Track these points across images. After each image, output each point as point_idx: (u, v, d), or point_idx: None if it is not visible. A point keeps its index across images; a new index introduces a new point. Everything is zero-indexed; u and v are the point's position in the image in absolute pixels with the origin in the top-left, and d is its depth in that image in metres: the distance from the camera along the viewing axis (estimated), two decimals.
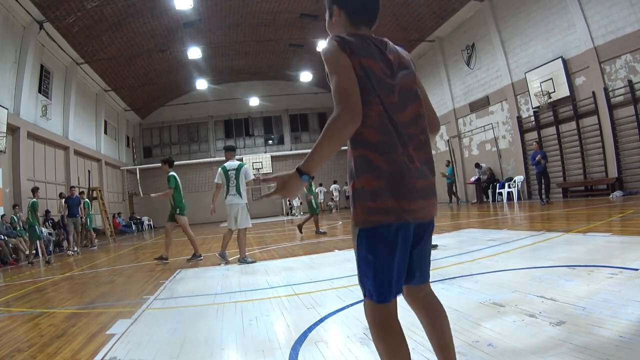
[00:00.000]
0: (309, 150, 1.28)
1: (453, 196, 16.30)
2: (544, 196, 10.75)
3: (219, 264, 6.18)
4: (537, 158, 10.75)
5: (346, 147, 1.38)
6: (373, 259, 1.33)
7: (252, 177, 6.29)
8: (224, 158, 6.51)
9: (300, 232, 9.72)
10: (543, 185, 10.78)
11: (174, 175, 7.06)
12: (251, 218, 6.51)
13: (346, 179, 1.64)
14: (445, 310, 1.57)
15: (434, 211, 1.42)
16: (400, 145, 1.33)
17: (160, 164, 7.53)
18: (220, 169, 6.31)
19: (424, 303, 1.54)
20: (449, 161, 16.58)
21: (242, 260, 5.97)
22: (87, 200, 12.40)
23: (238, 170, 6.16)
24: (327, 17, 1.57)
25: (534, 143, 11.58)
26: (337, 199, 23.29)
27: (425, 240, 1.44)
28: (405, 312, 2.72)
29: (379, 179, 1.30)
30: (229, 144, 10.53)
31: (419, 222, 1.37)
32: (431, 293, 1.55)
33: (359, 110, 1.26)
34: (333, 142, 1.24)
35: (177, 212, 7.17)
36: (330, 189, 23.15)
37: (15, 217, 10.47)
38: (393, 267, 1.33)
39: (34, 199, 9.40)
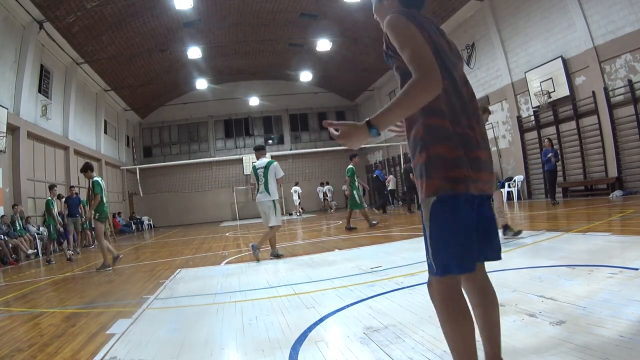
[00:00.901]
0: (309, 150, 1.28)
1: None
2: (550, 196, 10.48)
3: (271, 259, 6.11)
4: (548, 155, 10.16)
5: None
6: (448, 229, 1.32)
7: (283, 174, 6.38)
8: (223, 158, 6.57)
9: (350, 228, 9.42)
10: (549, 185, 10.53)
11: (97, 181, 7.10)
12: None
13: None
14: None
15: (493, 186, 1.45)
16: (465, 117, 1.37)
17: (159, 165, 7.54)
18: (251, 168, 6.49)
19: (481, 286, 1.52)
20: None
21: (274, 253, 6.18)
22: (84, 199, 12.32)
23: (266, 168, 6.25)
24: (375, 0, 1.63)
25: (546, 140, 10.94)
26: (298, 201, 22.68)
27: (485, 215, 1.44)
28: (403, 311, 2.72)
29: (455, 148, 1.32)
30: (259, 143, 10.55)
31: (481, 195, 1.39)
32: (488, 277, 1.55)
33: (440, 77, 1.26)
34: (412, 103, 1.25)
35: (97, 216, 7.14)
36: (325, 190, 23.03)
37: (17, 218, 10.47)
38: (467, 236, 1.34)
39: (49, 197, 9.29)
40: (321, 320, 2.77)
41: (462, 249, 1.32)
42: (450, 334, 1.35)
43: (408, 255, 5.00)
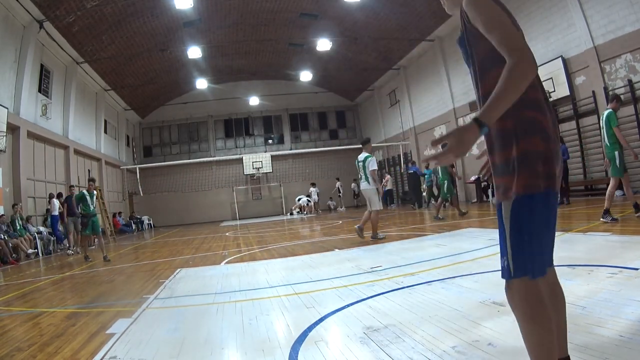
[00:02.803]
0: (309, 150, 1.25)
1: (432, 198, 16.12)
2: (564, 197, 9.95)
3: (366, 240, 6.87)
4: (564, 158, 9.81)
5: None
6: (538, 229, 1.25)
7: (375, 167, 7.14)
8: (223, 158, 6.71)
9: (439, 217, 9.76)
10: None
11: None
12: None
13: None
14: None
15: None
16: (547, 108, 1.30)
17: (159, 164, 7.66)
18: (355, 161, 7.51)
19: (552, 288, 1.48)
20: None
21: (374, 236, 6.94)
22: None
23: (363, 161, 7.18)
24: None
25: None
26: (316, 201, 22.53)
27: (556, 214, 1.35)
28: (403, 310, 2.72)
29: (548, 142, 1.25)
30: (366, 137, 11.20)
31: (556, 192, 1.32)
32: (557, 278, 1.51)
33: (535, 60, 1.18)
34: (517, 88, 1.16)
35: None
36: (310, 191, 22.77)
37: (17, 217, 10.47)
38: (550, 236, 1.28)
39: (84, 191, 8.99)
40: (321, 320, 2.78)
41: (541, 250, 1.27)
42: (533, 340, 1.27)
43: (408, 255, 5.00)
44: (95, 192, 8.82)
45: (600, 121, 6.62)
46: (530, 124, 1.26)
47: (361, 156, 7.29)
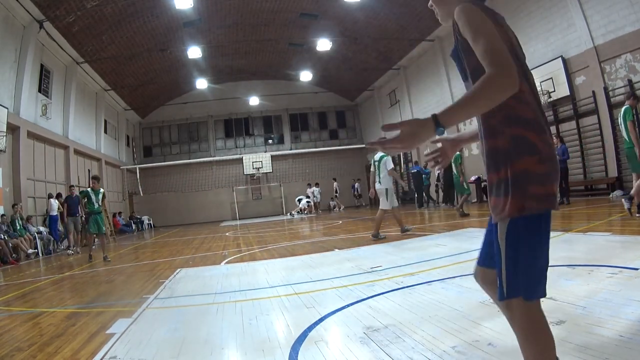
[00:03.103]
0: (309, 150, 1.24)
1: (430, 198, 16.15)
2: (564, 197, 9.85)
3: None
4: (564, 157, 9.52)
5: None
6: (533, 251, 1.22)
7: (392, 166, 7.33)
8: (223, 158, 6.73)
9: (462, 214, 9.66)
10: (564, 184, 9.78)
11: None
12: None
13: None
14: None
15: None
16: (547, 125, 1.26)
17: (159, 164, 7.67)
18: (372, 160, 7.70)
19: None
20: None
21: (375, 236, 7.04)
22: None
23: (379, 161, 7.40)
24: None
25: (554, 137, 10.13)
26: (318, 200, 22.73)
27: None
28: (403, 310, 2.72)
29: (543, 162, 1.21)
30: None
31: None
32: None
33: (516, 75, 1.13)
34: (486, 100, 1.13)
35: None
36: (312, 190, 22.86)
37: (17, 217, 10.47)
38: (547, 257, 1.25)
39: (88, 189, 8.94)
40: (321, 320, 2.77)
41: (541, 272, 1.25)
42: (537, 356, 1.26)
43: (408, 255, 5.00)
44: (101, 189, 8.74)
45: (620, 119, 6.70)
46: (523, 143, 1.22)
47: (377, 155, 7.50)
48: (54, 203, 11.90)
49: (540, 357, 1.25)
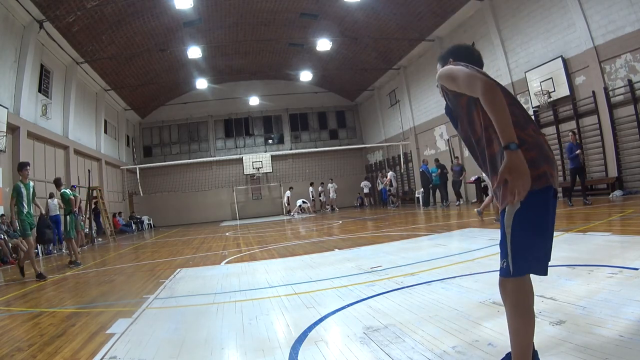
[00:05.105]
0: (309, 150, 1.30)
1: (442, 197, 16.03)
2: (581, 197, 9.39)
3: None
4: (576, 152, 9.08)
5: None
6: (534, 227, 1.42)
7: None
8: (223, 158, 6.62)
9: (481, 215, 9.14)
10: (581, 184, 9.35)
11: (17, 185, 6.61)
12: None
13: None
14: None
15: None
16: (532, 125, 1.54)
17: (159, 164, 7.42)
18: None
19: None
20: (437, 159, 16.36)
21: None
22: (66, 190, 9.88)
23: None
24: (439, 68, 1.82)
25: (570, 134, 9.68)
26: (334, 198, 22.90)
27: (554, 212, 1.52)
28: (404, 310, 2.72)
29: (530, 150, 1.45)
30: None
31: (554, 193, 1.49)
32: None
33: (489, 80, 1.45)
34: (498, 108, 1.40)
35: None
36: (328, 187, 22.95)
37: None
38: (548, 235, 1.46)
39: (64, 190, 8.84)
40: (321, 320, 2.77)
41: (540, 249, 1.44)
42: (520, 329, 1.46)
43: (408, 255, 5.00)
44: (31, 182, 6.92)
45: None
46: None
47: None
48: (52, 203, 11.87)
49: (529, 331, 1.46)
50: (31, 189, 6.71)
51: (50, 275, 6.71)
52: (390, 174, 19.81)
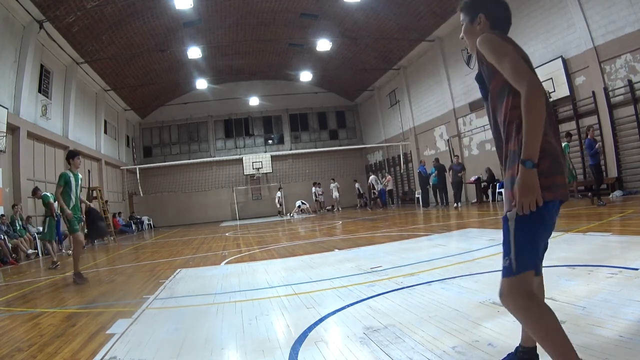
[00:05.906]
0: (309, 150, 1.28)
1: (440, 197, 15.98)
2: (596, 195, 8.82)
3: None
4: (596, 147, 8.70)
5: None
6: (536, 231, 1.44)
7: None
8: (223, 158, 6.59)
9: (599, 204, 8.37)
10: (595, 183, 9.02)
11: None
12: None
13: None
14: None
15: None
16: (552, 129, 1.50)
17: (159, 164, 7.41)
18: None
19: (539, 289, 1.63)
20: (437, 159, 16.19)
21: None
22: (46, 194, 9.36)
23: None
24: (465, 23, 1.72)
25: (590, 129, 9.06)
26: (337, 198, 22.96)
27: (555, 220, 1.53)
28: (404, 311, 2.72)
29: (545, 158, 1.42)
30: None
31: (561, 201, 1.49)
32: (542, 285, 1.68)
33: (540, 83, 1.37)
34: (540, 115, 1.35)
35: None
36: (331, 187, 22.95)
37: (17, 218, 10.46)
38: (547, 236, 1.49)
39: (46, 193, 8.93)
40: (321, 320, 2.77)
41: (539, 253, 1.48)
42: (536, 322, 1.37)
43: (408, 256, 5.00)
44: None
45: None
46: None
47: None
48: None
49: (553, 329, 1.36)
50: (80, 181, 5.97)
51: (50, 275, 6.71)
52: (372, 177, 20.50)
